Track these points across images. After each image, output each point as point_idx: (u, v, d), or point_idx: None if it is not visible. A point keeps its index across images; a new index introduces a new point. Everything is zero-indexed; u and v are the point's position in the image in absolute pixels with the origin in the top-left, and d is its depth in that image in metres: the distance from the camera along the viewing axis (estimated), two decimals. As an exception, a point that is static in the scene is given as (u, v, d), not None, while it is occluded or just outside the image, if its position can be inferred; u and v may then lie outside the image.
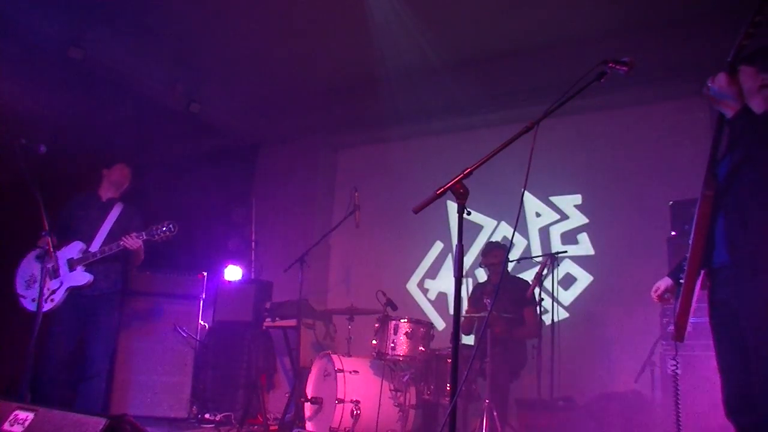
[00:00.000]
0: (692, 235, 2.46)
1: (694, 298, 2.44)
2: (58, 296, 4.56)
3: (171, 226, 4.60)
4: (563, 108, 2.48)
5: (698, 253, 2.43)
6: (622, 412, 4.55)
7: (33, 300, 4.54)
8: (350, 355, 5.10)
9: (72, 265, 4.60)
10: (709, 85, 2.43)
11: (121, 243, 4.56)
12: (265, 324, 6.17)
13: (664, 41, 5.46)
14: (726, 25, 5.15)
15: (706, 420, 4.04)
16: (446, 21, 5.53)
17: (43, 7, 5.43)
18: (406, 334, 4.86)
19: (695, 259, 2.43)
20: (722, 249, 2.42)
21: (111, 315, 4.74)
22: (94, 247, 4.66)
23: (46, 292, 4.52)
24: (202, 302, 6.45)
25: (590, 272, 6.06)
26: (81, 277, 4.60)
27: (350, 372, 4.93)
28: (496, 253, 5.36)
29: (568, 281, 6.13)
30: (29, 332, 4.53)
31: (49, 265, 4.53)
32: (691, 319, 4.52)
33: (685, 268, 2.46)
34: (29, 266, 4.73)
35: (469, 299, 5.53)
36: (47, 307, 4.48)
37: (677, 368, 2.85)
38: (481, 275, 6.17)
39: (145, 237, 4.59)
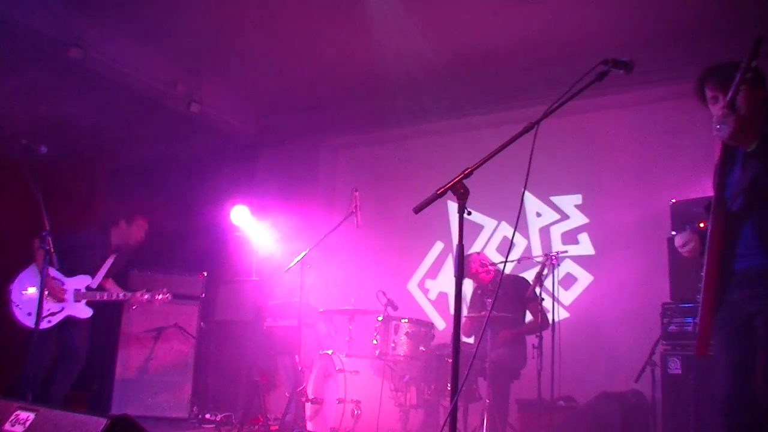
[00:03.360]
0: (707, 257, 2.45)
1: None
2: (56, 320, 4.80)
3: (168, 295, 5.27)
4: (563, 108, 2.48)
5: (715, 273, 2.44)
6: (622, 412, 4.55)
7: (29, 314, 4.68)
8: (351, 355, 5.10)
9: (77, 297, 4.88)
10: (718, 127, 2.36)
11: (131, 299, 5.09)
12: (266, 324, 6.17)
13: (665, 41, 5.46)
14: (726, 25, 5.18)
15: (707, 419, 4.05)
16: (446, 21, 5.53)
17: (44, 7, 5.44)
18: (407, 334, 4.85)
19: (713, 277, 2.44)
20: (751, 255, 2.42)
21: (82, 340, 5.03)
22: (94, 284, 5.01)
23: (45, 312, 4.69)
24: (202, 302, 6.45)
25: (590, 272, 6.06)
26: (83, 311, 4.91)
27: (351, 372, 4.93)
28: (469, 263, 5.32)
29: (568, 281, 6.13)
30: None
31: (53, 274, 4.61)
32: (690, 320, 4.52)
33: (702, 287, 2.46)
34: (34, 277, 4.79)
35: (470, 302, 5.52)
36: (43, 326, 4.63)
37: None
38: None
39: (147, 297, 5.15)
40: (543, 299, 4.96)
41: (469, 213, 2.44)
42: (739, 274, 2.45)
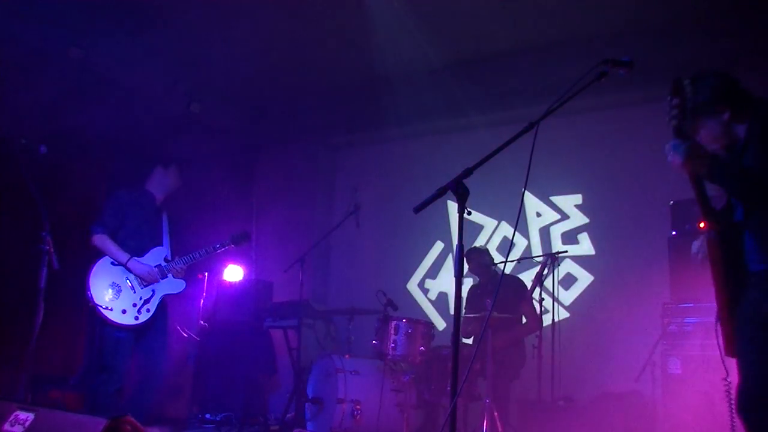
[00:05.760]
0: (710, 266, 2.50)
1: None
2: (154, 305, 4.33)
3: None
4: (563, 108, 2.48)
5: (721, 278, 2.48)
6: (622, 412, 4.55)
7: (124, 311, 4.20)
8: (350, 355, 5.10)
9: (162, 272, 4.41)
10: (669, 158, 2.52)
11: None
12: (266, 324, 6.17)
13: (664, 41, 5.46)
14: (726, 25, 5.18)
15: (707, 419, 4.05)
16: (446, 21, 5.53)
17: (44, 7, 5.43)
18: (407, 334, 4.85)
19: (721, 282, 2.48)
20: (765, 258, 2.44)
21: (168, 318, 4.57)
22: (169, 253, 4.52)
23: (138, 301, 4.25)
24: (202, 302, 6.45)
25: (590, 272, 6.06)
26: (176, 285, 4.45)
27: (351, 372, 4.93)
28: (474, 257, 5.36)
29: (568, 281, 6.12)
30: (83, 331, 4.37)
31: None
32: (690, 320, 4.53)
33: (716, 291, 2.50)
34: (107, 273, 4.26)
35: (467, 302, 5.51)
36: (146, 317, 4.27)
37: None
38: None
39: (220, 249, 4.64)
40: (543, 299, 4.97)
41: (469, 213, 2.45)
42: (755, 276, 2.47)
